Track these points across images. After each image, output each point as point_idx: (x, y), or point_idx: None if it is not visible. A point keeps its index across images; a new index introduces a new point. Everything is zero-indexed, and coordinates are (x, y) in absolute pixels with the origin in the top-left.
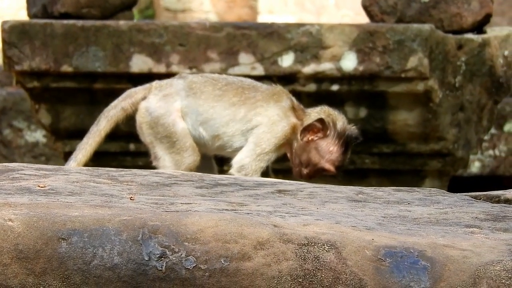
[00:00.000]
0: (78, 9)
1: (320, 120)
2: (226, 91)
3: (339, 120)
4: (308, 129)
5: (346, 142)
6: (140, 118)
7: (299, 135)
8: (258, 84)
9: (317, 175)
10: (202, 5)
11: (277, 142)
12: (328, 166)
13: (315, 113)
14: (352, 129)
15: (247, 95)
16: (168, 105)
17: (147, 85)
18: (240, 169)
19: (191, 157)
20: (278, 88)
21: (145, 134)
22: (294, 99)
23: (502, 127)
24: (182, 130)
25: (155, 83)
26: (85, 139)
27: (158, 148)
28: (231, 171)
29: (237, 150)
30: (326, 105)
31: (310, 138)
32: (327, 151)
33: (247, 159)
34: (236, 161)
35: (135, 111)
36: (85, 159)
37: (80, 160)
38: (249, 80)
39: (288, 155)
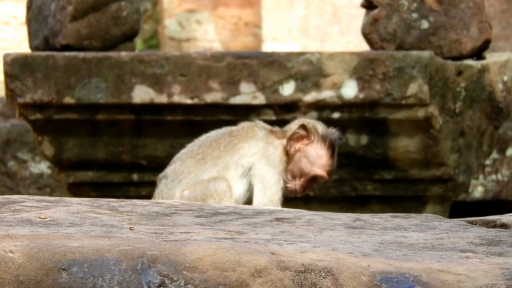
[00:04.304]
0: (79, 41)
1: (302, 126)
2: (204, 151)
3: (318, 125)
4: (293, 138)
5: (331, 144)
6: None
7: (287, 147)
8: (226, 129)
9: (310, 185)
10: (207, 34)
11: (279, 169)
12: (321, 172)
13: (294, 124)
14: (334, 131)
15: (224, 142)
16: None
17: None
18: None
19: (219, 182)
20: (247, 123)
21: None
22: (267, 125)
23: (504, 152)
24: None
25: None
26: None
27: None
28: None
29: (243, 195)
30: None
31: (297, 147)
32: (316, 155)
33: (265, 201)
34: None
35: None
36: None
37: None
38: (214, 132)
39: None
